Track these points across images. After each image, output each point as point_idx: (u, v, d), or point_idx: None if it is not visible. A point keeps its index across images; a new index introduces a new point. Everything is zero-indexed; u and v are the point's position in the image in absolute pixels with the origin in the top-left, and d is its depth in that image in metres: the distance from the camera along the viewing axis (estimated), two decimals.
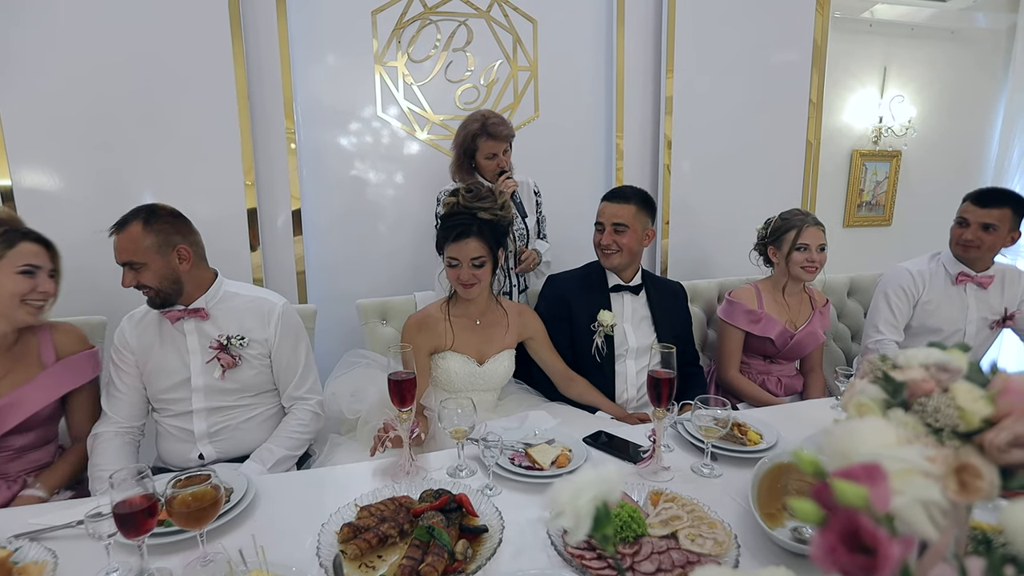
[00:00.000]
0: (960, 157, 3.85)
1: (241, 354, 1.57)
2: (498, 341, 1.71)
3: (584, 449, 1.32)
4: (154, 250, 1.46)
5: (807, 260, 1.96)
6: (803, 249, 1.97)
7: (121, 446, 1.51)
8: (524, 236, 2.28)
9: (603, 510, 0.44)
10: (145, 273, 1.46)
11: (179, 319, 1.55)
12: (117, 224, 1.47)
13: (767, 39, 2.85)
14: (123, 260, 1.45)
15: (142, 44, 2.14)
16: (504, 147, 2.14)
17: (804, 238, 1.97)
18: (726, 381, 2.04)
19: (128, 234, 1.45)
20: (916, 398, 0.67)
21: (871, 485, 0.41)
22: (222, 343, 1.55)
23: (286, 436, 1.58)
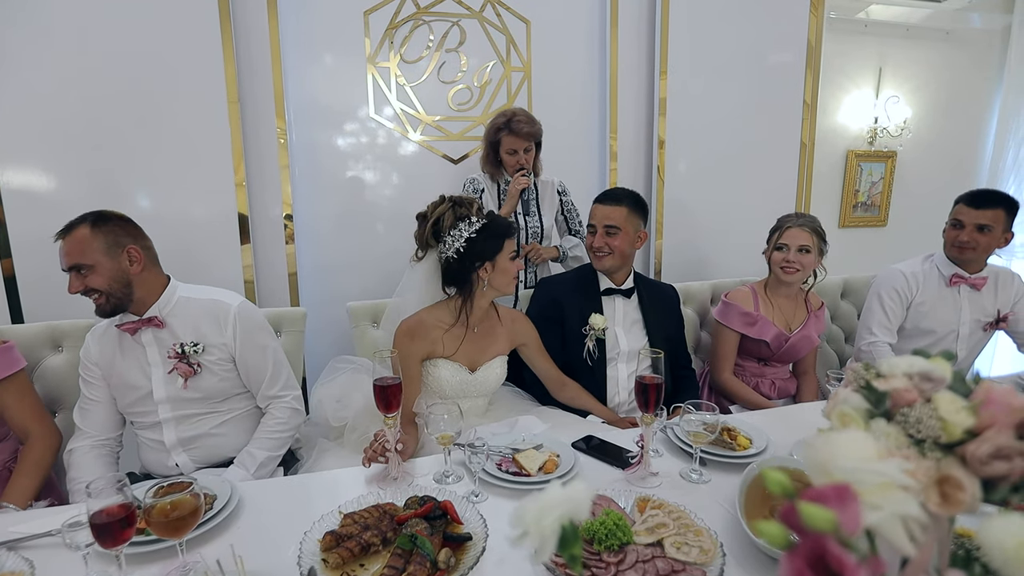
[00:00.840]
0: (955, 158, 3.85)
1: (200, 361, 1.52)
2: (491, 348, 1.70)
3: (573, 454, 1.31)
4: (102, 251, 1.42)
5: (784, 260, 1.96)
6: (782, 249, 1.97)
7: (97, 458, 1.49)
8: (537, 235, 2.32)
9: (570, 529, 0.43)
10: (93, 277, 1.41)
11: (136, 330, 1.50)
12: (63, 229, 1.42)
13: (761, 40, 2.84)
14: (70, 264, 1.40)
15: (131, 44, 2.12)
16: (525, 145, 2.18)
17: (784, 238, 1.97)
18: (719, 383, 2.03)
19: (75, 237, 1.40)
20: (899, 408, 0.66)
21: (841, 508, 0.40)
22: (178, 352, 1.50)
23: (266, 437, 1.56)
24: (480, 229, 1.57)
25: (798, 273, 1.96)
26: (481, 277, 1.59)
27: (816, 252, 1.96)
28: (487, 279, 1.60)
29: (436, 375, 1.62)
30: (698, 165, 2.87)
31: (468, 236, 1.56)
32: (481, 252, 1.57)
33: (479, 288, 1.61)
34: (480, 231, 1.57)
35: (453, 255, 1.58)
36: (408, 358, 1.57)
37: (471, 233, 1.56)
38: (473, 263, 1.57)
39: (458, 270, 1.59)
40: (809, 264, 1.96)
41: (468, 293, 1.62)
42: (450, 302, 1.65)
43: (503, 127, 2.18)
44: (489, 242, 1.57)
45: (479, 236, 1.57)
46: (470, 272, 1.59)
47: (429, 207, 1.63)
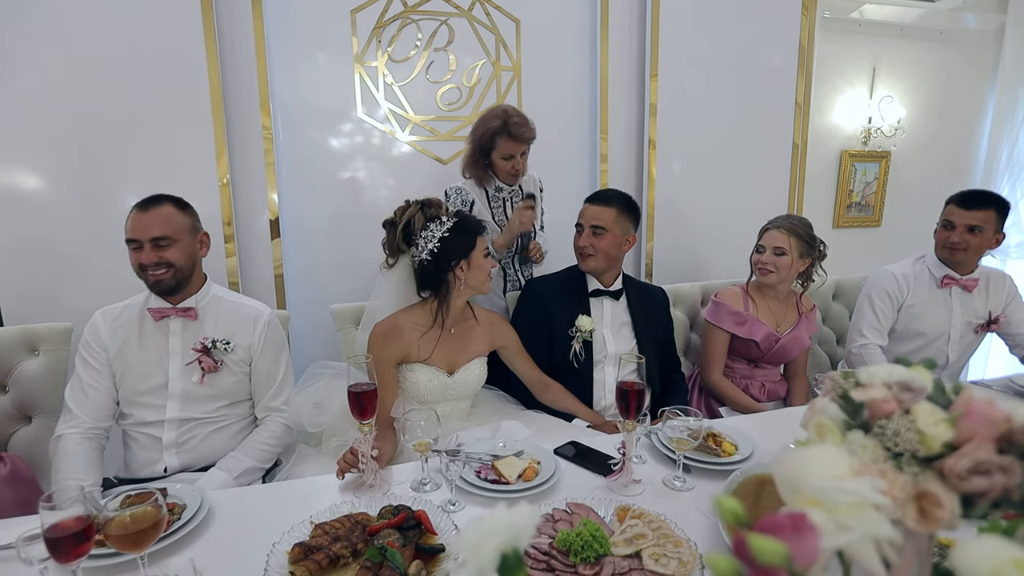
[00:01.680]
0: (949, 158, 3.83)
1: (224, 360, 1.55)
2: (469, 350, 1.67)
3: (554, 461, 1.28)
4: (186, 230, 1.51)
5: (759, 262, 1.96)
6: (760, 250, 1.97)
7: (88, 452, 1.45)
8: (531, 237, 2.25)
9: (512, 557, 0.40)
10: (172, 250, 1.47)
11: (164, 317, 1.52)
12: (145, 202, 1.48)
13: (753, 41, 2.82)
14: (154, 235, 1.45)
15: (112, 44, 2.09)
16: (523, 149, 2.06)
17: (763, 240, 1.98)
18: (709, 384, 2.01)
19: (162, 211, 1.48)
20: (877, 419, 0.63)
21: (795, 539, 0.37)
22: (206, 346, 1.52)
23: (256, 447, 1.54)
24: (452, 227, 1.55)
25: (772, 275, 1.94)
26: (458, 276, 1.57)
27: (795, 255, 1.92)
28: (463, 278, 1.57)
29: (413, 380, 1.59)
30: (690, 166, 2.84)
31: (441, 236, 1.54)
32: (455, 250, 1.55)
33: (455, 288, 1.59)
34: (452, 229, 1.55)
35: (427, 257, 1.56)
36: (383, 362, 1.54)
37: (444, 232, 1.54)
38: (449, 263, 1.55)
39: (433, 272, 1.57)
40: (784, 266, 1.93)
41: (444, 294, 1.60)
42: (425, 304, 1.62)
43: (500, 131, 1.99)
44: (463, 239, 1.55)
45: (452, 234, 1.55)
46: (446, 272, 1.57)
47: (396, 212, 1.61)
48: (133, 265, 1.49)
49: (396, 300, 1.66)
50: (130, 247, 1.48)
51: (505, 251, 2.07)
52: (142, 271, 1.48)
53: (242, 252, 2.39)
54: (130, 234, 1.47)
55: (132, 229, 1.47)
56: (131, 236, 1.47)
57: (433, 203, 1.59)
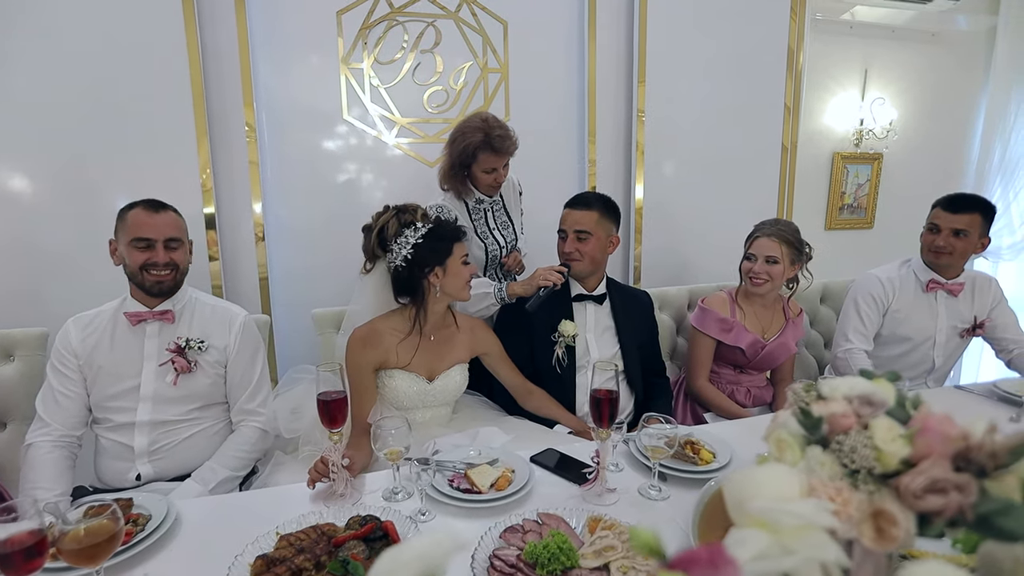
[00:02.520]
0: (941, 159, 3.82)
1: (198, 360, 1.54)
2: (449, 356, 1.65)
3: (528, 470, 1.26)
4: (186, 234, 1.58)
5: (751, 271, 1.92)
6: (751, 259, 1.94)
7: (58, 461, 1.43)
8: (513, 243, 2.21)
9: None
10: (180, 253, 1.53)
11: (141, 321, 1.51)
12: (152, 204, 1.51)
13: (741, 45, 2.80)
14: (169, 235, 1.50)
15: (94, 44, 2.08)
16: (505, 160, 1.96)
17: (753, 248, 1.94)
18: (694, 390, 1.99)
19: (170, 215, 1.53)
20: (835, 435, 0.62)
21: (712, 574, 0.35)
22: (180, 346, 1.52)
23: (231, 455, 1.52)
24: (426, 234, 1.54)
25: (766, 284, 1.91)
26: (432, 283, 1.56)
27: (787, 262, 1.91)
28: (438, 285, 1.55)
29: (392, 386, 1.58)
30: (678, 169, 2.83)
31: (415, 242, 1.52)
32: (429, 257, 1.54)
33: (431, 295, 1.57)
34: (427, 236, 1.54)
35: (401, 263, 1.55)
36: (361, 368, 1.53)
37: (417, 239, 1.53)
38: (423, 269, 1.54)
39: (408, 278, 1.56)
40: (778, 275, 1.91)
41: (421, 301, 1.58)
42: (404, 310, 1.61)
43: (481, 145, 1.88)
44: (437, 246, 1.54)
45: (426, 241, 1.53)
46: (420, 279, 1.55)
47: (373, 217, 1.60)
48: (133, 264, 1.47)
49: (375, 305, 1.65)
50: (135, 246, 1.46)
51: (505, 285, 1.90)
52: (142, 271, 1.47)
53: (226, 255, 2.37)
54: (142, 232, 1.46)
55: (143, 228, 1.47)
56: (144, 235, 1.46)
57: (409, 209, 1.58)
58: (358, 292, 1.70)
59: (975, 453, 0.55)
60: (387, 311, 1.64)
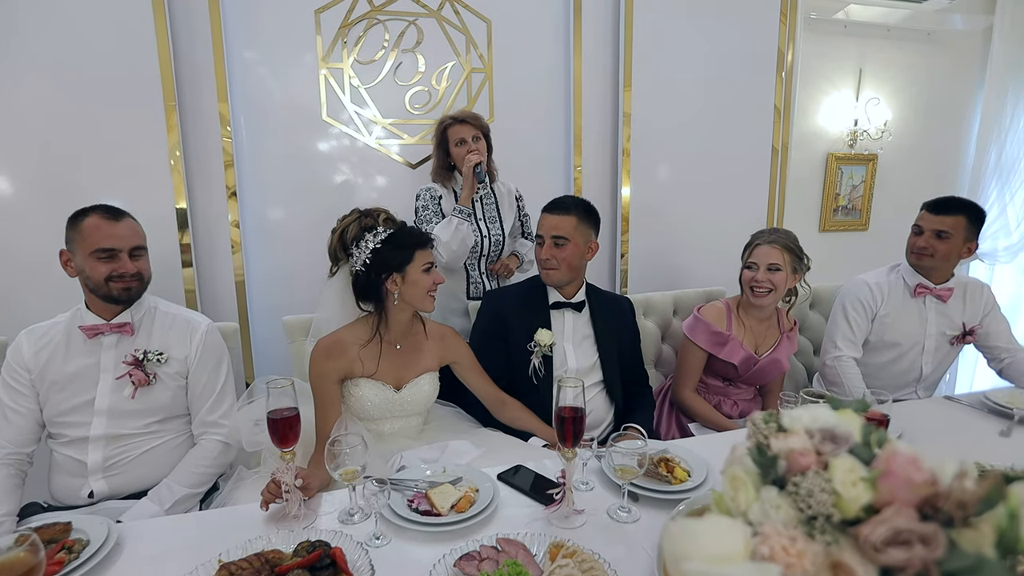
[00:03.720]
0: (937, 160, 3.77)
1: (157, 372, 1.48)
2: (417, 365, 1.60)
3: (493, 490, 1.20)
4: (146, 244, 1.51)
5: (753, 280, 1.84)
6: (751, 268, 1.86)
7: (5, 480, 1.37)
8: (499, 241, 2.21)
9: None
10: (144, 260, 1.49)
11: (98, 334, 1.45)
12: (111, 211, 1.45)
13: (730, 46, 2.74)
14: (135, 244, 1.45)
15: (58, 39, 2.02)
16: (473, 132, 2.11)
17: (754, 256, 1.85)
18: (680, 400, 1.93)
19: (131, 222, 1.48)
20: (793, 474, 0.56)
21: None
22: (137, 358, 1.46)
23: (189, 471, 1.46)
24: (386, 239, 1.48)
25: (770, 294, 1.84)
26: (391, 290, 1.50)
27: (789, 270, 1.84)
28: (396, 292, 1.50)
29: (358, 395, 1.52)
30: (666, 171, 2.78)
31: (374, 247, 1.47)
32: (387, 263, 1.48)
33: (391, 302, 1.52)
34: (386, 241, 1.48)
35: (361, 268, 1.50)
36: (325, 379, 1.47)
37: (376, 244, 1.48)
38: (380, 275, 1.49)
39: (366, 283, 1.51)
40: (781, 283, 1.84)
41: (382, 308, 1.53)
42: (369, 318, 1.55)
43: (446, 122, 2.13)
44: (397, 253, 1.48)
45: (385, 246, 1.48)
46: (379, 285, 1.50)
47: (338, 220, 1.55)
48: (96, 276, 1.40)
49: (340, 312, 1.59)
50: (97, 257, 1.40)
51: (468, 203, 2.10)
52: (107, 281, 1.41)
53: (200, 259, 2.31)
54: (105, 242, 1.40)
55: (106, 237, 1.40)
56: (108, 245, 1.40)
57: (372, 213, 1.52)
58: (323, 298, 1.64)
59: (943, 501, 0.49)
60: (353, 319, 1.58)
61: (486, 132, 2.16)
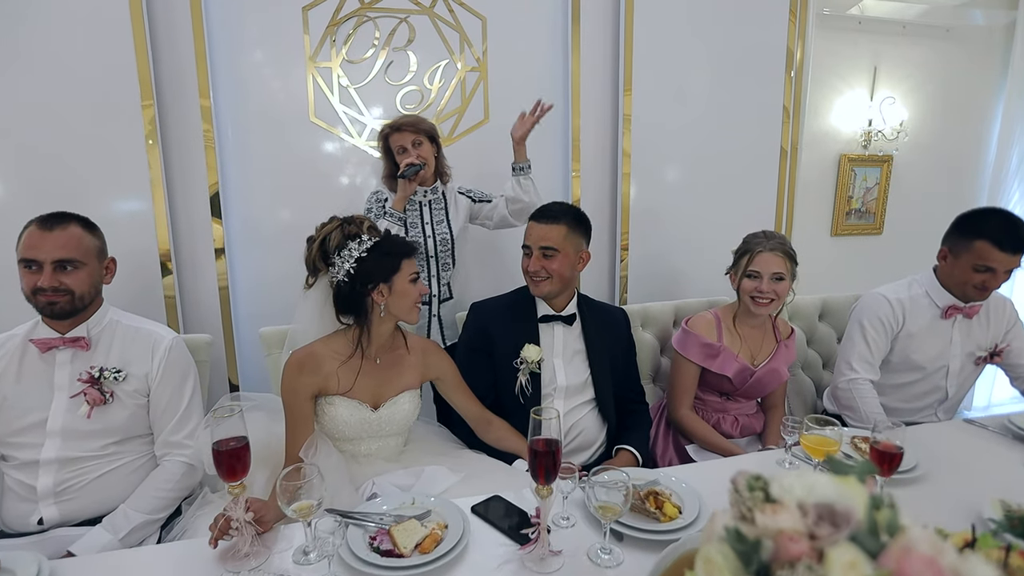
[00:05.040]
0: (955, 162, 3.62)
1: (114, 391, 1.39)
2: (397, 382, 1.50)
3: (464, 525, 1.10)
4: (92, 253, 1.40)
5: (756, 290, 1.72)
6: (753, 277, 1.73)
7: None
8: (447, 243, 2.11)
9: None
10: (76, 276, 1.36)
11: (51, 348, 1.36)
12: (47, 219, 1.35)
13: (736, 45, 2.62)
14: (60, 257, 1.33)
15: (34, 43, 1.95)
16: (413, 138, 2.03)
17: (756, 264, 1.73)
18: (676, 419, 1.82)
19: (68, 231, 1.36)
20: (780, 565, 0.45)
21: None
22: (93, 376, 1.37)
23: (150, 496, 1.37)
24: (372, 247, 1.39)
25: (772, 303, 1.73)
26: (376, 301, 1.41)
27: (790, 279, 1.73)
28: (383, 304, 1.41)
29: (332, 414, 1.43)
30: (668, 175, 2.66)
31: (359, 256, 1.38)
32: (374, 273, 1.39)
33: (376, 314, 1.42)
34: (372, 250, 1.39)
35: (344, 278, 1.40)
36: (296, 394, 1.38)
37: (361, 252, 1.38)
38: (366, 286, 1.39)
39: (349, 295, 1.41)
40: (784, 292, 1.73)
41: (364, 321, 1.44)
42: (348, 332, 1.46)
43: (387, 128, 2.08)
44: (383, 262, 1.39)
45: (371, 255, 1.39)
46: (363, 296, 1.40)
47: (316, 228, 1.45)
48: (25, 288, 1.34)
49: (317, 324, 1.50)
50: (23, 267, 1.33)
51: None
52: (34, 294, 1.33)
53: (181, 264, 2.24)
54: (27, 253, 1.32)
55: (30, 248, 1.32)
56: (28, 256, 1.32)
57: (355, 220, 1.43)
58: (300, 309, 1.55)
59: None
60: (330, 332, 1.49)
61: (430, 134, 2.07)
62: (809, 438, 1.20)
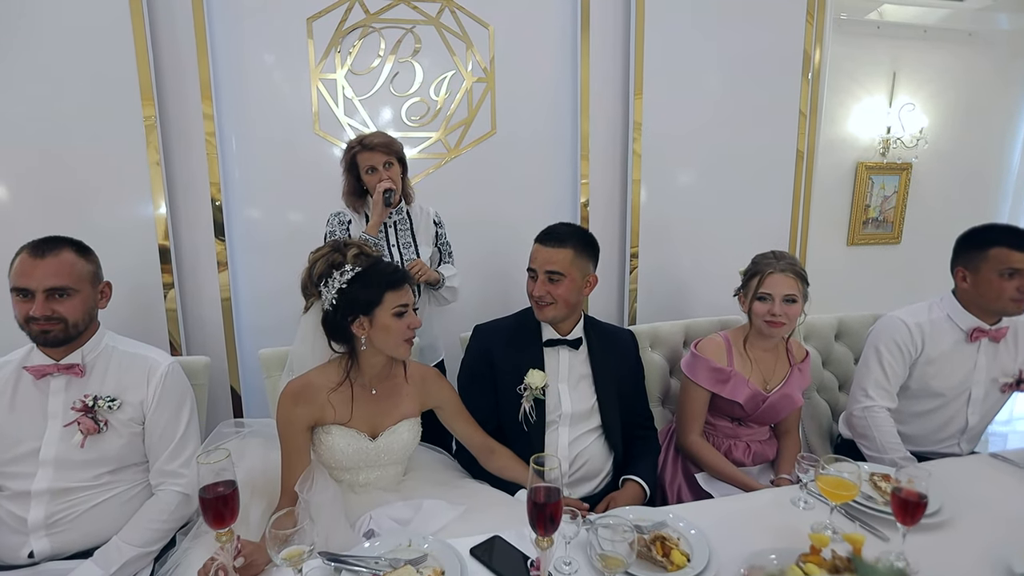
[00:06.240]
0: (977, 170, 3.53)
1: (109, 419, 1.36)
2: (395, 411, 1.46)
3: (462, 569, 1.05)
4: (86, 279, 1.36)
5: (769, 313, 1.65)
6: (765, 299, 1.66)
7: None
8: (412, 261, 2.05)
9: None
10: (70, 304, 1.32)
11: (46, 375, 1.34)
12: (39, 245, 1.31)
13: (751, 48, 2.54)
14: (52, 284, 1.29)
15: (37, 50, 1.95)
16: (384, 159, 1.96)
17: (767, 286, 1.66)
18: (685, 447, 1.75)
19: (62, 259, 1.31)
20: None
21: None
22: (87, 404, 1.34)
23: (143, 528, 1.34)
24: (353, 279, 1.35)
25: (784, 327, 1.67)
26: (356, 334, 1.36)
27: (802, 299, 1.67)
28: (364, 337, 1.36)
29: (329, 444, 1.39)
30: (680, 182, 2.59)
31: (339, 287, 1.34)
32: (354, 305, 1.34)
33: (360, 347, 1.38)
34: (352, 281, 1.35)
35: (329, 307, 1.37)
36: (292, 425, 1.35)
37: (342, 284, 1.34)
38: (346, 317, 1.35)
39: (334, 325, 1.38)
40: (795, 315, 1.66)
41: (352, 351, 1.40)
42: (342, 360, 1.42)
43: (355, 145, 1.97)
44: (364, 293, 1.34)
45: (350, 287, 1.34)
46: (345, 328, 1.37)
47: (312, 252, 1.42)
48: (18, 317, 1.31)
49: (313, 347, 1.47)
50: (14, 296, 1.30)
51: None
52: (27, 323, 1.30)
53: (183, 277, 2.22)
54: (18, 282, 1.29)
55: (21, 276, 1.29)
56: (20, 284, 1.29)
57: (342, 247, 1.39)
58: (299, 332, 1.52)
59: None
60: (325, 359, 1.45)
61: (400, 155, 2.01)
62: (827, 479, 1.14)
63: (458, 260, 2.21)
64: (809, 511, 1.27)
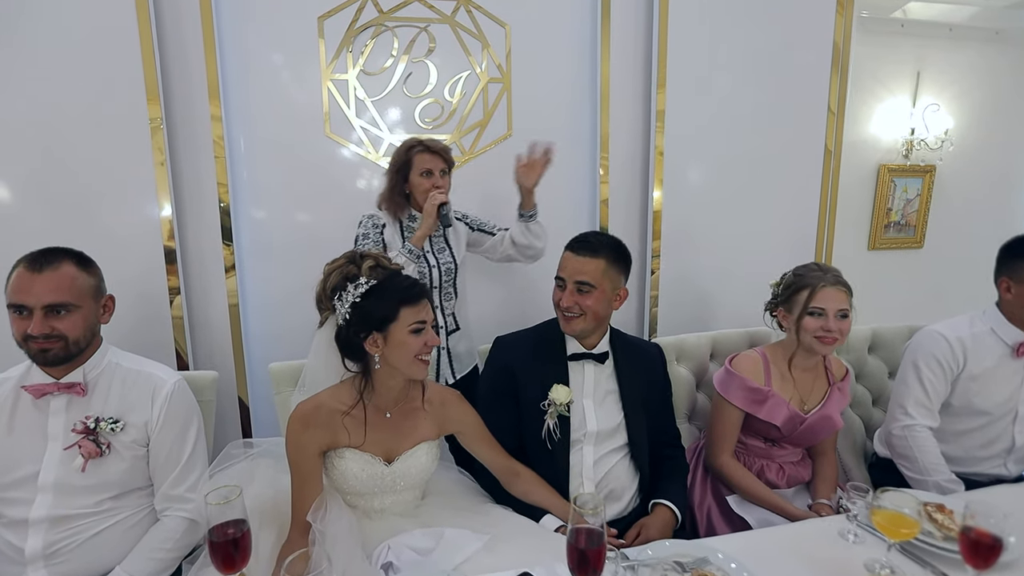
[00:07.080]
0: (1004, 173, 3.44)
1: (111, 442, 1.29)
2: (412, 435, 1.38)
3: None
4: (88, 293, 1.29)
5: (822, 329, 1.55)
6: (817, 314, 1.56)
7: None
8: (451, 271, 1.99)
9: None
10: (71, 320, 1.25)
11: (45, 394, 1.26)
12: (37, 259, 1.24)
13: (780, 42, 2.46)
14: (52, 301, 1.22)
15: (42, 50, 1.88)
16: (442, 165, 1.91)
17: (819, 300, 1.56)
18: (715, 467, 1.67)
19: (62, 273, 1.24)
20: None
21: None
22: (88, 426, 1.27)
23: (146, 556, 1.27)
24: (367, 292, 1.26)
25: (837, 343, 1.57)
26: (370, 352, 1.28)
27: (852, 314, 1.59)
28: (377, 355, 1.28)
29: (342, 468, 1.31)
30: (703, 175, 2.50)
31: (352, 302, 1.26)
32: (367, 320, 1.26)
33: (373, 366, 1.30)
34: (366, 295, 1.26)
35: (342, 322, 1.29)
36: (303, 450, 1.27)
37: (355, 298, 1.26)
38: (358, 334, 1.27)
39: (347, 341, 1.30)
40: (847, 330, 1.57)
41: (366, 370, 1.32)
42: (356, 380, 1.34)
43: (415, 145, 1.91)
44: (378, 308, 1.26)
45: (365, 301, 1.26)
46: (358, 345, 1.29)
47: (327, 264, 1.35)
48: (15, 335, 1.24)
49: (327, 364, 1.39)
50: (11, 313, 1.23)
51: None
52: (25, 340, 1.23)
53: (190, 282, 2.14)
54: (15, 298, 1.22)
55: (18, 292, 1.21)
56: (17, 301, 1.21)
57: (358, 259, 1.31)
58: (313, 346, 1.44)
59: None
60: (337, 379, 1.37)
61: (452, 168, 1.96)
62: (884, 514, 1.06)
63: (475, 269, 2.14)
64: (860, 544, 1.19)
